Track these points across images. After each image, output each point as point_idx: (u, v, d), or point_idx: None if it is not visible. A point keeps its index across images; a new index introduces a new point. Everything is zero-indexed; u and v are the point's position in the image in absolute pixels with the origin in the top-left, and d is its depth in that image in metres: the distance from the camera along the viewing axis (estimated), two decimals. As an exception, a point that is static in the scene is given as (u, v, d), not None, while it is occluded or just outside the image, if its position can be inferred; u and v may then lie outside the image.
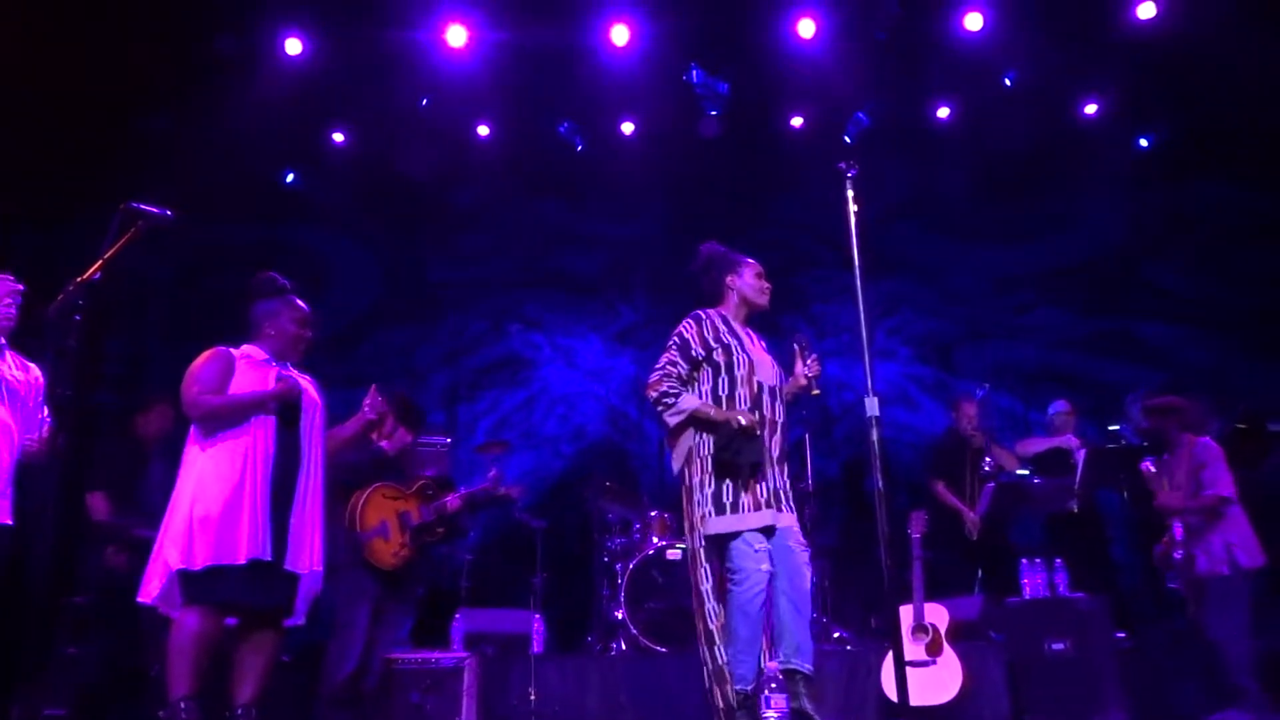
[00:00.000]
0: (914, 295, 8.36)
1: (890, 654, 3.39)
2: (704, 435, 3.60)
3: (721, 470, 3.54)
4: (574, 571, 6.86)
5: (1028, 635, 4.93)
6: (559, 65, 7.32)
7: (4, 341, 3.69)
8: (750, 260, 3.92)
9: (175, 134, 7.16)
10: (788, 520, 3.61)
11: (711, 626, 3.48)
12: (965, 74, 7.48)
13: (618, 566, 5.97)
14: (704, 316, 3.79)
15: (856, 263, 3.15)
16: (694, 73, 7.37)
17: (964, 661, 4.79)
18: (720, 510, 3.51)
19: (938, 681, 4.74)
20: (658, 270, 8.29)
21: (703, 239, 4.01)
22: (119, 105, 6.86)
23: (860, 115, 7.76)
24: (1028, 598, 5.07)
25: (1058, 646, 4.80)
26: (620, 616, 5.71)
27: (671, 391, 3.63)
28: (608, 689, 5.25)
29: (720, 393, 3.65)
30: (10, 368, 3.67)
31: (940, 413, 7.62)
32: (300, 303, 3.89)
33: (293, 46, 6.95)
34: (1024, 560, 5.19)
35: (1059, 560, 5.11)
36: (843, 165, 3.30)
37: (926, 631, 4.87)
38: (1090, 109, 7.78)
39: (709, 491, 3.53)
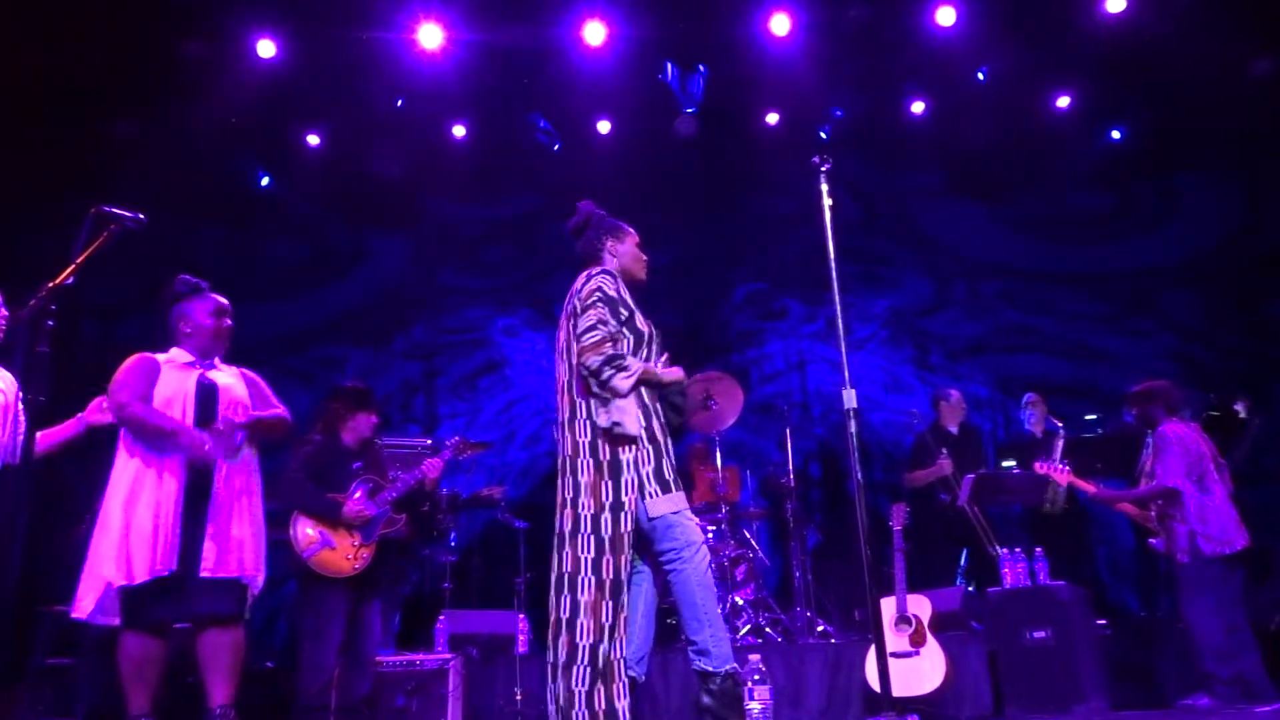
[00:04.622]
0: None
1: (874, 646, 3.38)
2: (646, 403, 3.27)
3: (657, 443, 3.23)
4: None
5: (1008, 625, 4.96)
6: (534, 64, 7.32)
7: None
8: (631, 229, 3.62)
9: (147, 137, 7.10)
10: None
11: (605, 622, 3.10)
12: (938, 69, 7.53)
13: (601, 565, 5.94)
14: (614, 275, 3.40)
15: (831, 255, 3.16)
16: (669, 70, 7.38)
17: (947, 652, 4.81)
18: (665, 488, 3.20)
19: (921, 672, 4.76)
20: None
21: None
22: (88, 108, 6.79)
23: (836, 110, 7.79)
24: (1008, 587, 5.10)
25: (1038, 635, 4.82)
26: (604, 615, 5.69)
27: (620, 354, 3.20)
28: (592, 687, 5.24)
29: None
30: None
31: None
32: (215, 295, 3.85)
33: (265, 49, 6.91)
34: (1004, 550, 5.22)
35: (1039, 549, 5.15)
36: (816, 159, 3.31)
37: (909, 623, 4.89)
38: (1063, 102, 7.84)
39: (648, 469, 3.19)
